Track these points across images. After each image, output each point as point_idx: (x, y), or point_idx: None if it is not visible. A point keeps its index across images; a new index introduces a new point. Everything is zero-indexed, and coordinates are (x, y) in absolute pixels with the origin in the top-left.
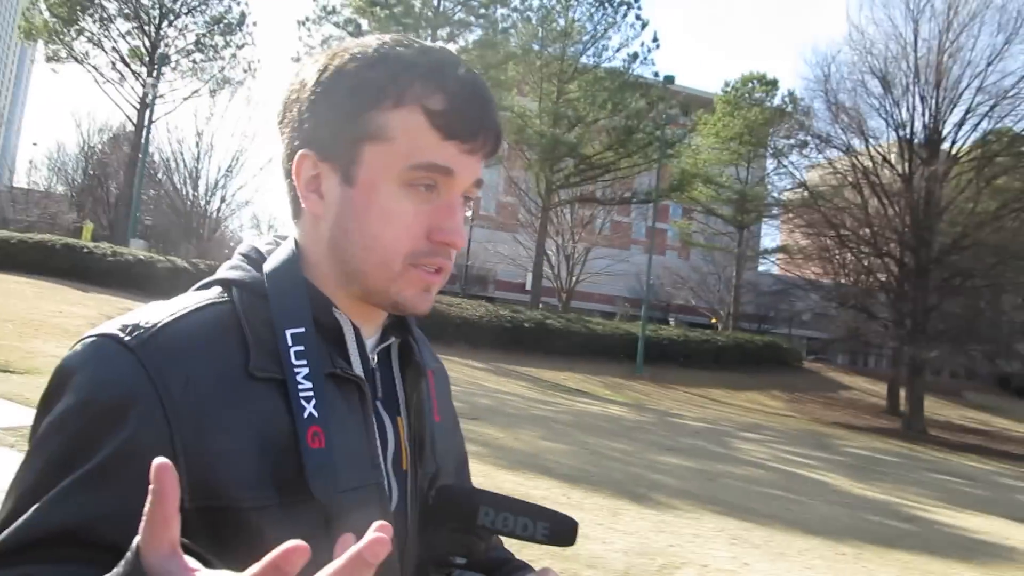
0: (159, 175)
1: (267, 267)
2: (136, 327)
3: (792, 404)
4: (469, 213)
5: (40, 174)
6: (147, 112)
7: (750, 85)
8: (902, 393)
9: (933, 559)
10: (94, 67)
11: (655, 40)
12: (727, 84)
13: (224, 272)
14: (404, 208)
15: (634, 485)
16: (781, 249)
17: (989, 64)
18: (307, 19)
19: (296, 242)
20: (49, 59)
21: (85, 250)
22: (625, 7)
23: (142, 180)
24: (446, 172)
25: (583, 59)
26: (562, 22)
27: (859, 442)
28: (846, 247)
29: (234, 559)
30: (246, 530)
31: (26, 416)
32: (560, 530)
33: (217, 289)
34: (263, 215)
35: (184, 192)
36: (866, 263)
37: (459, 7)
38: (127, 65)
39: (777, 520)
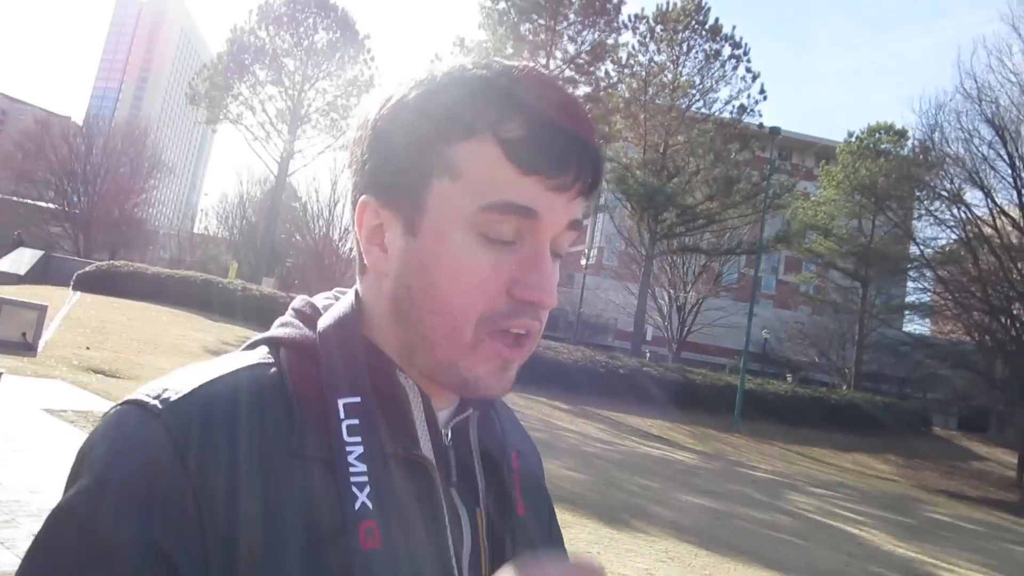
0: (301, 222)
1: (321, 324)
2: (164, 390)
3: (904, 469)
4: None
5: (210, 221)
6: (285, 166)
7: (876, 136)
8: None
9: None
10: (246, 127)
11: (762, 92)
12: (851, 135)
13: (276, 330)
14: (478, 260)
15: (621, 512)
16: (907, 307)
17: None
18: None
19: (358, 295)
20: (209, 121)
21: (220, 285)
22: (735, 60)
23: (276, 225)
24: (528, 214)
25: (691, 111)
26: (670, 76)
27: (955, 510)
28: (959, 304)
29: None
30: None
31: (100, 405)
32: None
33: (264, 349)
34: None
35: (318, 235)
36: (984, 321)
37: (567, 66)
38: (273, 125)
39: (749, 556)
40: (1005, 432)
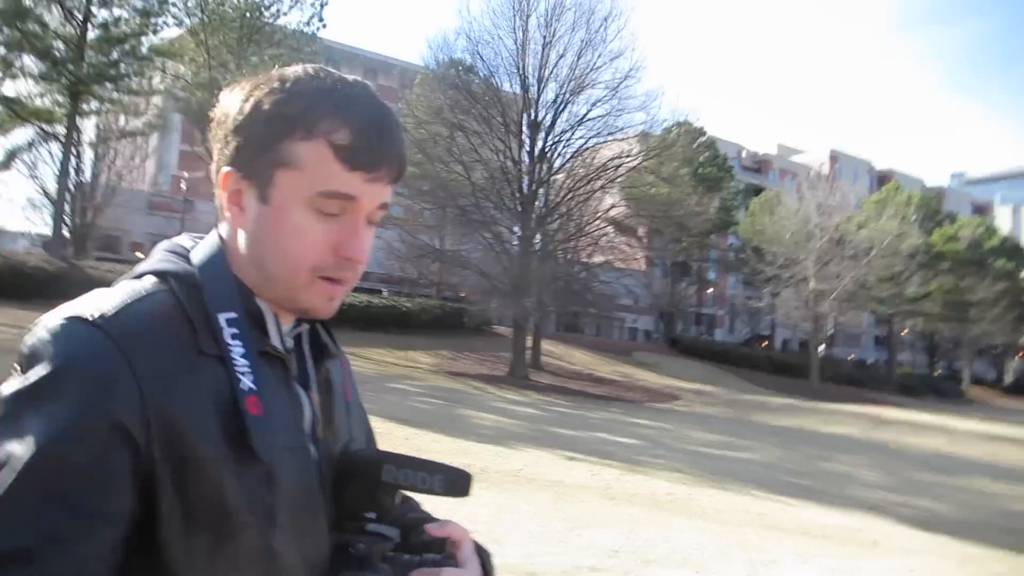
0: None
1: (196, 259)
2: (98, 308)
3: (445, 360)
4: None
5: None
6: None
7: (452, 70)
8: (551, 347)
9: None
10: None
11: (322, 20)
12: (426, 65)
13: (157, 264)
14: (312, 227)
15: None
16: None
17: (578, 57)
18: None
19: (220, 237)
20: None
21: None
22: None
23: None
24: (349, 198)
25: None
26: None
27: (431, 383)
28: (467, 216)
29: (196, 506)
30: (206, 478)
31: None
32: (455, 481)
33: (152, 279)
34: None
35: None
36: (483, 235)
37: None
38: None
39: None
40: (545, 327)
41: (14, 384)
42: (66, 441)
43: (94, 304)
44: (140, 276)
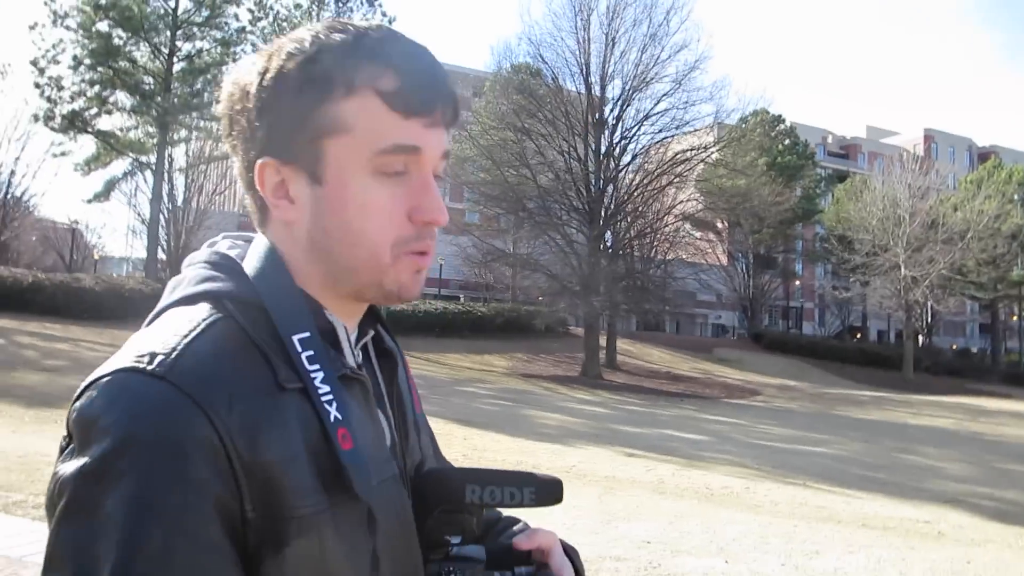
0: None
1: (252, 274)
2: (153, 354)
3: (519, 362)
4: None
5: None
6: None
7: (519, 75)
8: (628, 346)
9: None
10: None
11: None
12: (497, 71)
13: (206, 284)
14: (380, 196)
15: None
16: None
17: (641, 52)
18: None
19: (272, 245)
20: None
21: None
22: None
23: None
24: (414, 151)
25: None
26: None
27: (502, 384)
28: (537, 223)
29: (297, 568)
30: (306, 535)
31: None
32: (548, 491)
33: (206, 304)
34: None
35: None
36: (552, 237)
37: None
38: None
39: None
40: (625, 326)
41: (73, 464)
42: (151, 527)
43: (146, 348)
44: (189, 300)
